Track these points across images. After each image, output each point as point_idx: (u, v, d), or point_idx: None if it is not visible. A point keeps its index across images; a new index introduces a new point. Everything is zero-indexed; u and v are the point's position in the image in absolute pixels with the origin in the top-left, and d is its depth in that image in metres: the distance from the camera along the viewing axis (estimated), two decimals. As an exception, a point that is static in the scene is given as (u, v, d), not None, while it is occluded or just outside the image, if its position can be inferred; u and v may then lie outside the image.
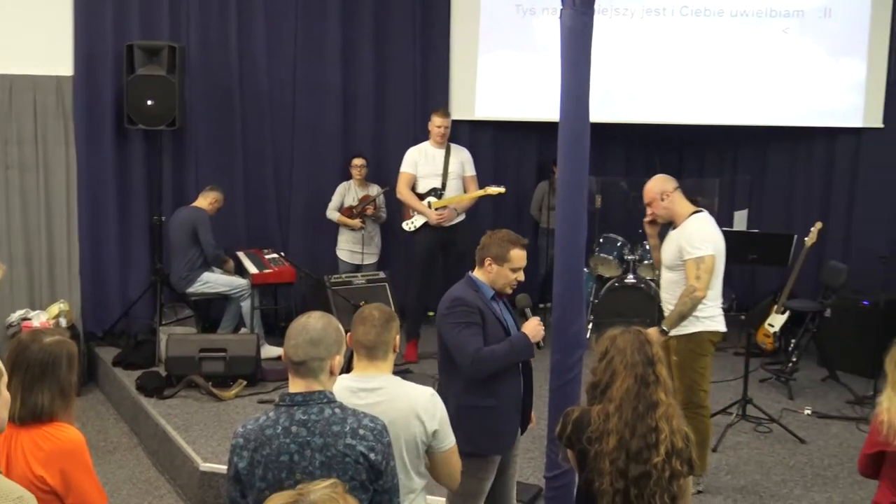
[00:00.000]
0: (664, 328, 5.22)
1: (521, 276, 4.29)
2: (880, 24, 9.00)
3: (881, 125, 9.06)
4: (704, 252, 5.20)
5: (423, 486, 3.47)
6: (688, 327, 5.24)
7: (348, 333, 3.26)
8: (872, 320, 7.59)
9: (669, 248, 5.38)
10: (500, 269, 4.25)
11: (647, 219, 5.54)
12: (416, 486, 3.40)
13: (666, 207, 5.40)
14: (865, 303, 7.91)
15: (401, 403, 3.31)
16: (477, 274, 4.35)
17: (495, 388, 4.20)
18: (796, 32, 9.26)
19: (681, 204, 5.41)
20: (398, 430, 3.26)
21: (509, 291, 4.37)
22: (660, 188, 5.41)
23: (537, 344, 4.26)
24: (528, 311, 4.41)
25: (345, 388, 3.28)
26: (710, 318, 5.34)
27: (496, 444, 4.24)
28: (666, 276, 5.46)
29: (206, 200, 7.98)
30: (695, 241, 5.22)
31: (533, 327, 4.25)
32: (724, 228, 8.54)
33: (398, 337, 3.45)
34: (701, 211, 5.44)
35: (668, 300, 5.41)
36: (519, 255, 4.26)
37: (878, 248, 8.43)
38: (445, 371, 4.34)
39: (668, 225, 5.55)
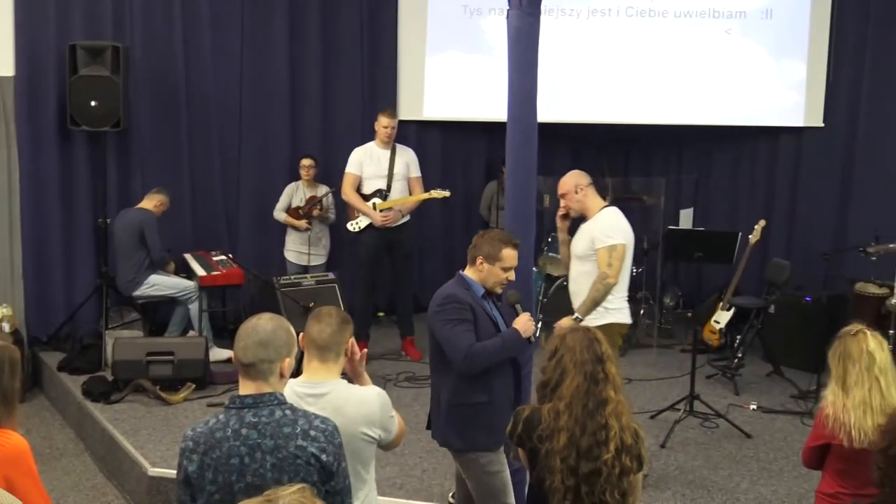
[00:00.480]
0: (578, 315, 5.33)
1: (511, 276, 4.34)
2: (820, 25, 9.17)
3: (821, 124, 9.23)
4: (616, 241, 5.35)
5: (373, 484, 3.48)
6: (598, 319, 5.33)
7: (300, 334, 3.25)
8: (815, 316, 7.72)
9: (581, 239, 5.50)
10: (492, 268, 4.31)
11: (560, 213, 5.62)
12: (365, 484, 3.40)
13: (579, 201, 5.51)
14: (808, 299, 8.04)
15: (349, 409, 3.30)
16: (468, 272, 4.40)
17: (487, 385, 4.25)
18: (739, 33, 9.41)
19: (593, 198, 5.55)
20: (346, 435, 3.26)
21: (499, 291, 4.42)
22: (575, 182, 5.53)
23: (529, 339, 4.31)
24: (518, 306, 4.43)
25: (292, 394, 3.27)
26: (618, 310, 5.47)
27: (490, 438, 4.27)
28: (576, 268, 5.57)
29: (151, 202, 7.88)
30: (607, 230, 5.37)
31: (524, 322, 4.29)
32: (671, 227, 8.73)
33: (351, 341, 3.44)
34: (611, 205, 5.58)
35: (577, 292, 5.52)
36: (510, 255, 4.31)
37: (821, 244, 8.59)
38: (437, 369, 4.38)
39: (579, 220, 5.65)
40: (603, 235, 5.35)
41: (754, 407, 7.09)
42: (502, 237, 4.37)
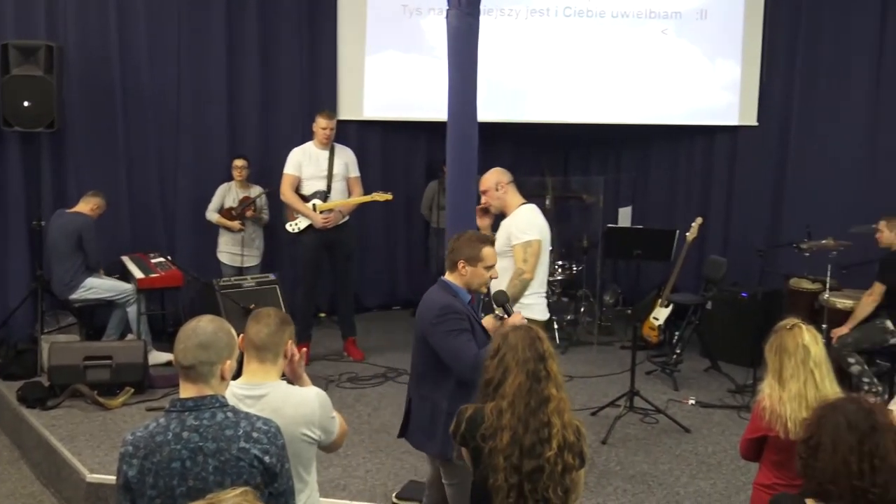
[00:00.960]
0: (498, 313, 5.36)
1: (495, 273, 4.34)
2: (753, 26, 9.34)
3: (755, 123, 9.40)
4: (531, 237, 5.42)
5: (315, 486, 3.46)
6: None
7: (241, 336, 3.23)
8: (751, 311, 7.84)
9: (500, 236, 5.54)
10: (475, 269, 4.30)
11: (480, 206, 5.67)
12: (307, 486, 3.39)
13: (500, 198, 5.58)
14: (744, 294, 8.18)
15: (287, 410, 3.28)
16: (450, 278, 4.36)
17: None
18: (674, 34, 9.54)
19: (513, 196, 5.61)
20: (286, 436, 3.25)
21: (485, 290, 4.42)
22: (496, 179, 5.59)
23: None
24: (507, 305, 4.43)
25: (231, 396, 3.25)
26: (534, 305, 5.53)
27: None
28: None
29: (87, 205, 7.75)
30: (523, 226, 5.45)
31: (518, 322, 4.24)
32: (610, 225, 8.82)
33: (291, 343, 3.42)
34: (529, 202, 5.65)
35: (494, 288, 5.55)
36: (490, 253, 4.32)
37: (756, 241, 8.75)
38: (431, 379, 4.30)
39: (501, 217, 5.72)
40: (518, 232, 5.43)
41: (693, 402, 7.20)
42: (479, 237, 4.39)
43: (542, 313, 5.60)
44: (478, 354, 4.05)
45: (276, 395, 3.32)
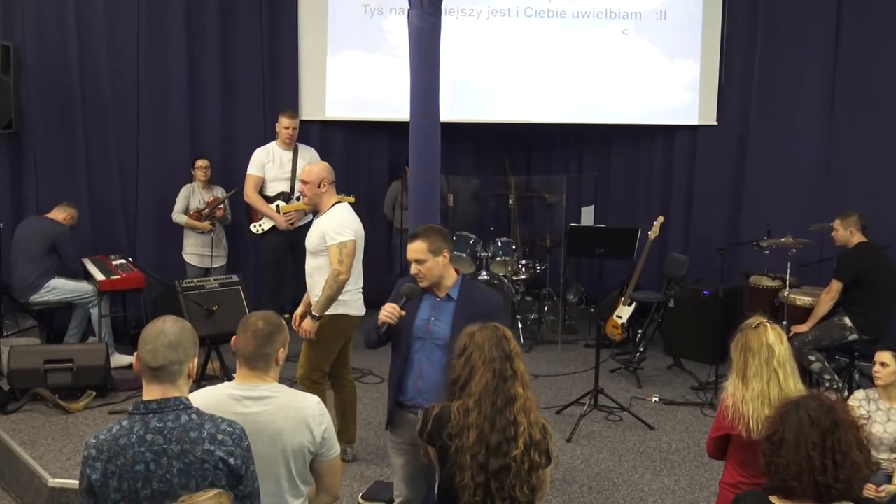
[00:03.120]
0: (315, 314, 5.50)
1: (415, 268, 4.23)
2: (712, 26, 9.43)
3: (715, 122, 9.48)
4: (346, 237, 5.49)
5: (307, 494, 3.45)
6: (330, 310, 5.51)
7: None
8: (712, 309, 7.90)
9: (314, 234, 5.63)
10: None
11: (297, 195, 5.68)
12: (302, 493, 3.38)
13: (319, 194, 5.64)
14: (706, 292, 8.24)
15: (289, 412, 3.28)
16: None
17: None
18: (634, 34, 9.60)
19: (330, 196, 5.68)
20: (286, 438, 3.25)
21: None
22: (323, 176, 5.66)
23: (379, 326, 4.25)
24: (404, 298, 4.32)
25: (227, 397, 3.24)
26: (349, 301, 5.65)
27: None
28: (310, 263, 5.72)
29: (62, 214, 7.73)
30: (337, 226, 5.51)
31: (383, 309, 4.25)
32: (573, 224, 8.87)
33: (282, 351, 3.40)
34: (342, 202, 5.73)
35: (314, 286, 5.68)
36: (409, 247, 4.27)
37: (716, 239, 8.81)
38: None
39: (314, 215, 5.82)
40: (333, 232, 5.49)
41: (656, 399, 7.25)
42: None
43: (358, 309, 5.72)
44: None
45: (278, 396, 3.32)
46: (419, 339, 4.21)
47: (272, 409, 3.26)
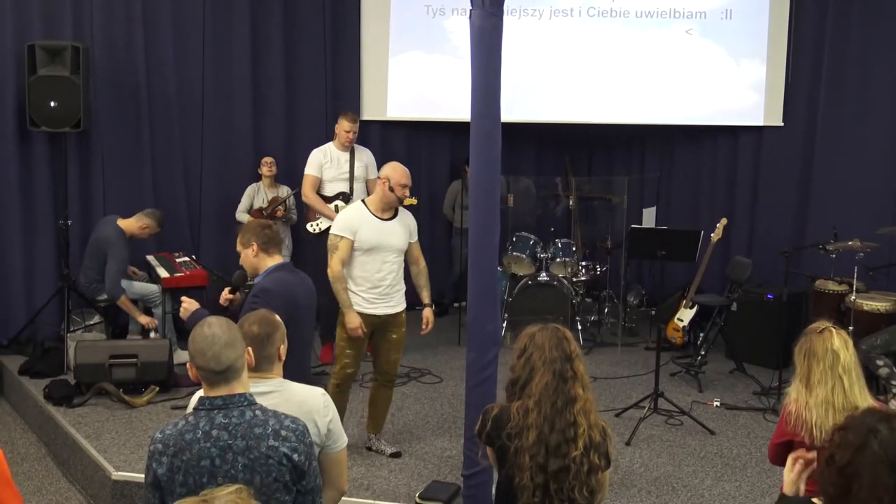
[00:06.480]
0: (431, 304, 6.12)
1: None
2: (779, 25, 9.27)
3: (781, 123, 9.33)
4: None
5: None
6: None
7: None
8: (776, 313, 7.77)
9: (400, 231, 6.07)
10: None
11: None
12: None
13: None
14: (769, 296, 8.12)
15: (293, 406, 3.29)
16: None
17: None
18: (699, 33, 9.49)
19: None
20: None
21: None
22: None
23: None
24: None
25: None
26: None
27: None
28: (396, 261, 6.06)
29: (138, 223, 7.73)
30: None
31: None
32: (634, 225, 8.79)
33: (283, 347, 3.42)
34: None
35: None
36: None
37: (781, 242, 8.68)
38: None
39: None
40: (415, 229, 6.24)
41: (717, 404, 7.16)
42: None
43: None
44: None
45: (282, 391, 3.35)
46: None
47: (276, 402, 3.25)
